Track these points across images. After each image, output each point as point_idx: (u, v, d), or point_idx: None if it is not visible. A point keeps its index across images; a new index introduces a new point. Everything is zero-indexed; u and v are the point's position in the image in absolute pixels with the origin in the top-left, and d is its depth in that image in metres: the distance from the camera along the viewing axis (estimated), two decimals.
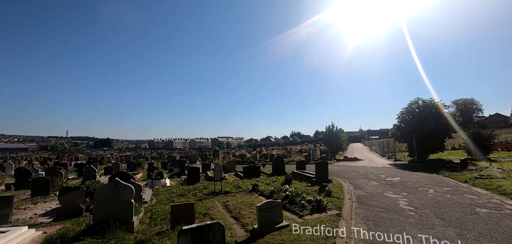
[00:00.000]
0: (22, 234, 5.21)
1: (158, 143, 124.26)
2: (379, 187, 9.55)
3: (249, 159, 26.60)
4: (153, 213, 6.84)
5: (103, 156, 42.79)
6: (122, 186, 5.59)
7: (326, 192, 8.03)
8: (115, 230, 5.11)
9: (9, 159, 36.94)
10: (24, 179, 13.00)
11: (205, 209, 7.00)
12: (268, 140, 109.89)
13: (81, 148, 63.97)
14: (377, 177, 11.80)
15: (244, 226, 5.64)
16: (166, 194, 9.46)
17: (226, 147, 71.59)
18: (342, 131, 27.48)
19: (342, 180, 11.23)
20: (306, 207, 6.61)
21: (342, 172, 14.01)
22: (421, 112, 18.28)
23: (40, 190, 10.16)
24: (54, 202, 9.16)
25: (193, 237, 2.86)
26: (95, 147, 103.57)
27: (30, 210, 8.26)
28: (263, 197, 8.43)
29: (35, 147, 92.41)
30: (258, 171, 13.37)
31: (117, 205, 5.51)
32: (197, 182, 11.73)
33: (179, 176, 14.77)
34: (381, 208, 6.65)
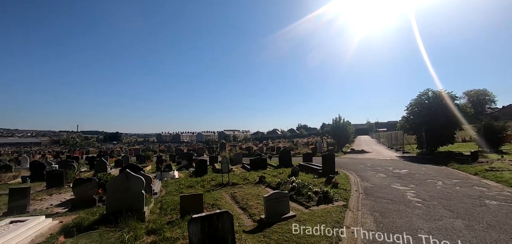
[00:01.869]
0: (40, 223, 5.47)
1: (166, 137, 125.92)
2: (387, 179, 9.51)
3: (255, 151, 26.76)
4: (163, 204, 7.03)
5: (112, 150, 43.72)
6: (133, 178, 5.77)
7: (333, 184, 8.06)
8: (127, 220, 5.30)
9: (23, 153, 38.31)
10: (39, 172, 13.49)
11: (213, 200, 7.15)
12: (275, 133, 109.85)
13: (91, 142, 65.47)
14: (384, 169, 11.74)
15: (252, 216, 5.76)
16: (175, 186, 9.68)
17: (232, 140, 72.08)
18: (349, 123, 27.25)
19: (349, 172, 11.22)
20: (312, 198, 6.67)
21: (349, 164, 13.98)
22: (431, 104, 17.92)
23: (54, 182, 10.54)
24: (68, 194, 9.51)
25: (203, 225, 2.97)
26: (105, 140, 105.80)
27: (46, 201, 8.61)
28: (270, 188, 8.53)
29: (48, 142, 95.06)
30: (265, 164, 13.47)
31: (128, 196, 5.70)
32: (205, 174, 11.93)
33: (187, 168, 15.02)
34: (388, 200, 6.65)
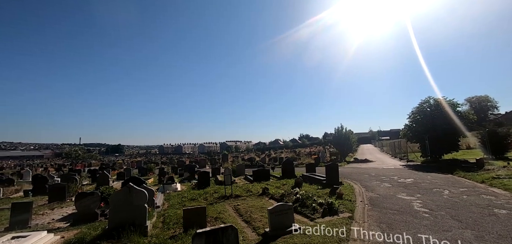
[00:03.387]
0: (42, 238, 5.40)
1: (168, 148, 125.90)
2: (392, 189, 9.38)
3: (258, 162, 26.62)
4: (166, 218, 6.95)
5: (115, 162, 43.69)
6: (136, 191, 5.72)
7: (338, 195, 7.95)
8: (130, 235, 5.22)
9: (26, 167, 38.37)
10: (41, 186, 13.46)
11: (216, 213, 7.05)
12: (277, 143, 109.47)
13: (93, 154, 65.76)
14: (389, 179, 11.59)
15: (256, 229, 5.65)
16: (177, 199, 9.59)
17: (234, 151, 71.87)
18: (351, 132, 27.20)
19: (353, 182, 11.08)
20: (317, 210, 6.56)
21: (353, 174, 13.83)
22: (433, 111, 17.88)
23: (56, 196, 10.50)
24: (70, 208, 9.44)
25: (208, 240, 2.91)
26: (107, 153, 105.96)
27: (48, 215, 8.55)
28: (273, 200, 8.42)
29: (50, 154, 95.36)
30: (267, 175, 13.36)
31: (131, 210, 5.63)
32: (208, 186, 11.84)
33: (190, 180, 14.93)
34: (395, 211, 6.53)
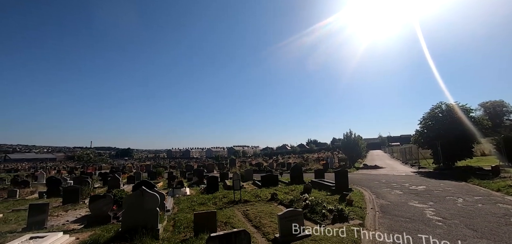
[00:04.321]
0: (58, 239, 5.57)
1: (176, 153, 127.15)
2: (403, 196, 9.21)
3: (266, 167, 26.57)
4: (176, 221, 7.04)
5: (124, 166, 44.37)
6: (148, 195, 5.84)
7: (347, 201, 7.87)
8: (142, 237, 5.33)
9: (39, 169, 39.51)
10: (55, 188, 13.85)
11: (225, 217, 7.10)
12: (284, 148, 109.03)
13: (104, 158, 67.09)
14: (400, 186, 11.38)
15: (265, 235, 5.67)
16: (187, 203, 9.69)
17: (242, 156, 71.95)
18: (360, 138, 26.80)
19: (363, 189, 10.94)
20: (327, 216, 6.53)
21: (362, 181, 13.64)
22: (445, 117, 17.48)
23: (70, 198, 10.78)
24: (84, 210, 9.67)
25: (221, 243, 2.97)
26: (117, 156, 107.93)
27: (62, 217, 8.78)
28: (282, 206, 8.41)
29: (63, 157, 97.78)
30: (276, 180, 13.34)
31: (143, 213, 5.74)
32: (216, 191, 11.91)
33: (198, 185, 15.04)
34: (406, 218, 6.42)
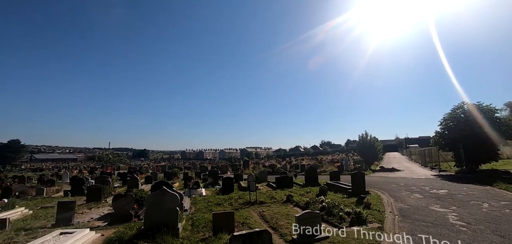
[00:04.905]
0: (85, 235, 5.89)
1: (190, 154, 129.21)
2: (423, 200, 8.94)
3: (279, 169, 26.52)
4: (194, 221, 7.21)
5: (141, 166, 45.74)
6: (168, 194, 6.04)
7: (365, 204, 7.75)
8: (163, 235, 5.52)
9: (62, 169, 41.54)
10: (78, 186, 14.55)
11: (242, 218, 7.19)
12: (297, 149, 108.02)
13: (122, 158, 69.42)
14: (420, 189, 11.03)
15: (283, 236, 5.71)
16: (203, 203, 9.88)
17: (255, 157, 72.02)
18: (376, 139, 26.15)
19: (381, 192, 10.70)
20: (344, 219, 6.47)
21: (379, 184, 13.33)
22: (468, 118, 16.74)
23: (93, 196, 11.30)
24: (106, 208, 10.11)
25: (244, 242, 3.05)
26: (133, 157, 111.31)
27: (87, 215, 9.23)
28: (298, 208, 8.41)
29: (83, 157, 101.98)
30: (291, 182, 13.30)
31: (164, 212, 5.95)
32: (231, 192, 12.06)
33: (213, 185, 15.27)
34: (428, 223, 6.25)
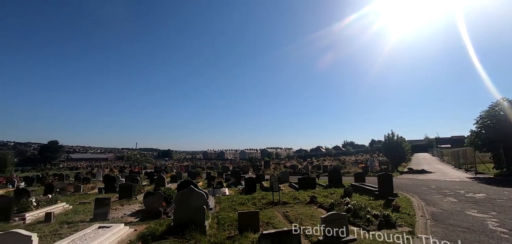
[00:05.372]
0: (121, 229, 6.31)
1: (211, 154, 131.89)
2: (458, 204, 8.40)
3: (301, 170, 26.26)
4: (220, 219, 7.41)
5: (165, 166, 47.62)
6: (196, 193, 6.29)
7: (394, 207, 7.46)
8: (192, 232, 5.75)
9: (95, 168, 44.54)
10: (111, 184, 15.53)
11: (266, 218, 7.26)
12: (319, 150, 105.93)
13: (148, 158, 72.81)
14: (454, 193, 10.37)
15: (308, 237, 5.67)
16: (227, 202, 10.11)
17: (275, 158, 71.78)
18: (403, 139, 24.89)
19: (410, 195, 10.23)
20: (372, 221, 6.29)
21: (408, 186, 12.72)
22: (508, 116, 15.39)
23: (125, 194, 12.01)
24: (136, 205, 10.71)
25: (273, 241, 3.12)
26: (158, 157, 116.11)
27: (120, 211, 9.84)
28: (322, 209, 8.31)
29: (113, 157, 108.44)
30: (313, 183, 13.15)
31: (192, 210, 6.19)
32: (254, 191, 12.19)
33: (236, 185, 15.53)
34: (464, 228, 5.88)
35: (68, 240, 5.35)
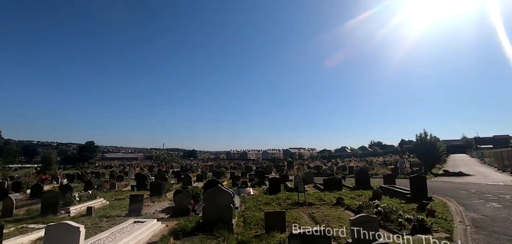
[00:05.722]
0: (153, 225, 6.70)
1: (234, 154, 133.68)
2: (503, 210, 7.70)
3: (325, 171, 25.70)
4: (246, 218, 7.54)
5: (191, 165, 49.26)
6: (223, 192, 6.47)
7: (428, 211, 7.05)
8: (220, 229, 5.93)
9: (127, 166, 47.43)
10: (142, 182, 16.44)
11: (292, 218, 7.24)
12: (343, 150, 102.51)
13: (174, 158, 75.91)
14: (498, 198, 9.52)
15: (336, 239, 5.57)
16: (252, 202, 10.23)
17: (298, 158, 70.90)
18: (438, 139, 23.24)
19: (447, 199, 9.58)
20: (405, 226, 6.01)
21: (444, 189, 11.90)
22: None
23: (155, 191, 12.66)
24: (166, 202, 11.24)
25: (303, 241, 3.14)
26: (184, 156, 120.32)
27: (151, 207, 10.40)
28: (350, 211, 8.09)
29: (142, 157, 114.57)
30: (339, 184, 12.82)
31: (219, 208, 6.39)
32: (278, 192, 12.18)
33: (260, 185, 15.62)
34: (510, 236, 5.39)
35: (108, 233, 5.80)
